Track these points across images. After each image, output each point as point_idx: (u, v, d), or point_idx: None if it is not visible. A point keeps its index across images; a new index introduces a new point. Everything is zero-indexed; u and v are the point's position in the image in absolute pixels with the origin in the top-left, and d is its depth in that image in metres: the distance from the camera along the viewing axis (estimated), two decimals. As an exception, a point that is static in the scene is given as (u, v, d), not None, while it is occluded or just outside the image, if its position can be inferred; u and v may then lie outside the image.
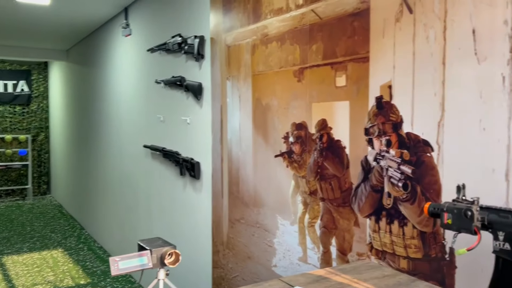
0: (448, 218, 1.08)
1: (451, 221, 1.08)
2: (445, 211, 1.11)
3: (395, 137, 1.84)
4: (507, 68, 1.44)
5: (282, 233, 2.61)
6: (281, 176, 2.60)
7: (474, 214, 1.03)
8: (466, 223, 1.04)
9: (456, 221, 1.08)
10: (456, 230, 1.10)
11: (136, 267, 1.49)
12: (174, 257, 1.53)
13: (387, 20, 1.87)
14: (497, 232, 0.99)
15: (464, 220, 1.04)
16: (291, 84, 2.47)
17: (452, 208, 1.10)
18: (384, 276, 1.81)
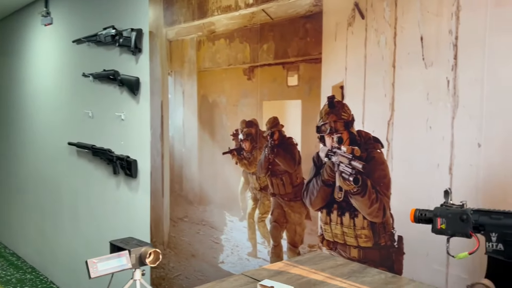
0: (441, 223, 1.08)
1: (445, 226, 1.08)
2: (438, 216, 1.10)
3: (346, 134, 1.96)
4: (451, 73, 1.61)
5: (230, 230, 2.63)
6: (229, 173, 2.62)
7: (470, 218, 1.04)
8: (462, 227, 1.04)
9: (450, 225, 1.07)
10: (451, 234, 1.10)
11: (115, 268, 1.42)
12: (153, 256, 1.48)
13: (340, 24, 1.98)
14: (489, 234, 1.00)
15: (460, 224, 1.04)
16: (241, 82, 2.50)
17: (446, 213, 1.09)
18: (337, 265, 1.92)
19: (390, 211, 1.83)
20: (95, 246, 4.07)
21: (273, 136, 2.31)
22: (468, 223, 1.03)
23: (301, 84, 2.17)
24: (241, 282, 1.69)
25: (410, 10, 1.72)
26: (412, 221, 1.18)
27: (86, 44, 4.08)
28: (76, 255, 4.37)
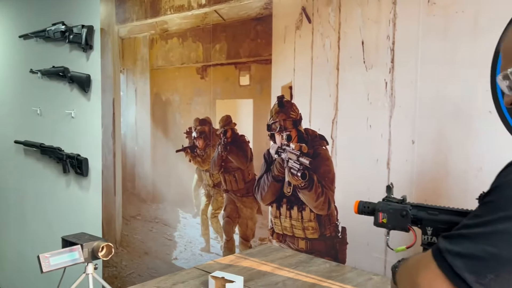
0: (383, 217, 1.11)
1: (386, 220, 1.10)
2: (380, 211, 1.13)
3: (295, 132, 2.06)
4: (389, 75, 1.75)
5: (184, 226, 2.68)
6: (183, 171, 2.66)
7: (409, 214, 1.08)
8: (401, 222, 1.08)
9: (391, 220, 1.10)
10: (391, 228, 1.13)
11: (67, 263, 1.42)
12: (106, 249, 1.50)
13: (288, 27, 2.08)
14: (425, 228, 1.06)
15: (399, 219, 1.08)
16: (194, 81, 2.54)
17: (388, 208, 1.12)
18: (286, 257, 2.02)
19: (335, 204, 1.95)
20: (44, 246, 3.95)
21: (226, 134, 2.38)
22: (407, 218, 1.09)
23: (253, 84, 2.25)
24: (193, 275, 1.75)
25: (353, 16, 1.85)
26: (356, 212, 1.23)
27: (34, 40, 3.95)
28: (24, 256, 4.22)
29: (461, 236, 0.66)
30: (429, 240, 1.05)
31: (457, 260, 0.64)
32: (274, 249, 2.12)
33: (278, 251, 2.10)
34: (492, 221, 0.63)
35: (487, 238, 0.63)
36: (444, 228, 1.03)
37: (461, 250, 0.64)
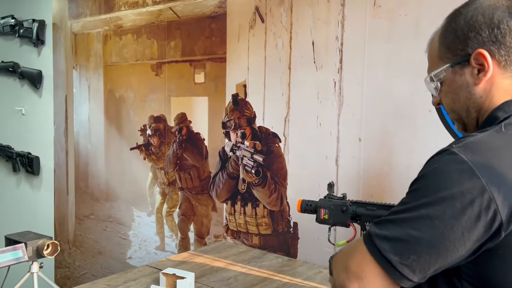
0: (324, 213, 1.15)
1: (327, 216, 1.14)
2: (322, 207, 1.16)
3: (249, 130, 2.09)
4: (338, 75, 1.81)
5: (138, 225, 2.65)
6: (137, 169, 2.63)
7: (349, 210, 1.14)
8: (342, 217, 1.13)
9: (332, 216, 1.14)
10: (332, 224, 1.17)
11: (10, 261, 1.37)
12: (52, 247, 1.46)
13: (242, 26, 2.10)
14: (364, 223, 1.12)
15: (340, 215, 1.13)
16: (149, 78, 2.52)
17: (329, 205, 1.16)
18: (240, 253, 2.05)
19: (287, 200, 1.99)
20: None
21: (181, 132, 2.38)
22: (347, 214, 1.14)
23: (208, 82, 2.26)
24: (144, 272, 1.74)
25: (304, 17, 1.90)
26: (299, 211, 1.26)
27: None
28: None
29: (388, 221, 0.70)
30: None
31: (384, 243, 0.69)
32: (228, 246, 2.14)
33: (232, 247, 2.12)
34: (416, 207, 0.68)
35: (411, 223, 0.67)
36: None
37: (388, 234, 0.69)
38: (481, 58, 0.75)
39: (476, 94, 0.78)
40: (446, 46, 0.81)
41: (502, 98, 0.77)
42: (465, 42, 0.77)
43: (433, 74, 0.82)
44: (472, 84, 0.78)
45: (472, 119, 0.81)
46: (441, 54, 0.82)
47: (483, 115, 0.79)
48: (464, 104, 0.80)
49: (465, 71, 0.78)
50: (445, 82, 0.82)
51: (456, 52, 0.79)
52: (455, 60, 0.79)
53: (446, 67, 0.80)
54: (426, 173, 0.71)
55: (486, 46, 0.75)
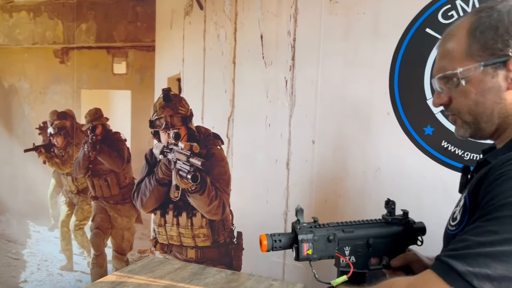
0: (308, 248, 0.89)
1: (312, 251, 0.89)
2: (304, 242, 0.89)
3: (184, 130, 1.85)
4: (289, 73, 1.68)
5: (36, 242, 2.20)
6: (35, 175, 2.18)
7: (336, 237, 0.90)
8: (329, 248, 0.90)
9: (317, 249, 0.90)
10: (318, 259, 0.91)
11: None
12: None
13: (176, 11, 1.85)
14: (343, 248, 0.92)
15: (327, 245, 0.89)
16: (51, 65, 2.10)
17: (311, 236, 0.90)
18: (176, 270, 1.81)
19: (230, 208, 1.81)
20: None
21: (95, 131, 2.02)
22: (334, 243, 0.91)
23: (131, 73, 1.95)
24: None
25: (251, 7, 1.73)
26: (264, 250, 0.91)
27: None
28: None
29: (481, 256, 0.59)
30: (351, 261, 0.93)
31: (486, 283, 0.58)
32: (159, 262, 1.88)
33: (165, 264, 1.86)
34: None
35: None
36: (361, 244, 0.94)
37: (490, 272, 0.58)
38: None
39: (508, 100, 0.73)
40: (481, 43, 0.73)
41: None
42: (506, 42, 0.71)
43: (460, 71, 0.74)
44: (504, 88, 0.72)
45: (492, 125, 0.75)
46: (472, 51, 0.74)
47: (507, 124, 0.74)
48: (489, 108, 0.74)
49: (499, 73, 0.72)
50: (471, 82, 0.74)
51: (493, 52, 0.72)
52: (490, 60, 0.72)
53: (476, 66, 0.73)
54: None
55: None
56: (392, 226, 0.96)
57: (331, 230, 0.93)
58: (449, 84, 0.77)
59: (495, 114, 0.74)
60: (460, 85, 0.75)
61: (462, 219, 0.72)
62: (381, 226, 0.95)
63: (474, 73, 0.74)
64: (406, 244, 0.96)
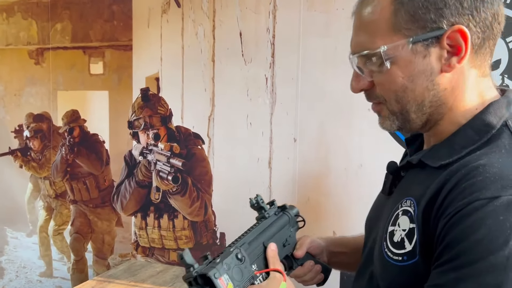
0: (226, 282, 0.66)
1: (231, 284, 0.66)
2: (218, 277, 0.64)
3: (164, 130, 1.82)
4: (270, 71, 1.66)
5: (14, 248, 2.14)
6: (11, 179, 2.11)
7: (244, 255, 0.70)
8: (245, 270, 0.69)
9: (236, 279, 0.67)
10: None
11: None
12: None
13: (153, 9, 1.81)
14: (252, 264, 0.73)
15: (241, 268, 0.69)
16: (26, 66, 2.04)
17: (226, 268, 0.66)
18: (158, 273, 1.77)
19: (212, 209, 1.78)
20: None
21: (73, 133, 1.97)
22: (246, 261, 0.71)
23: (108, 73, 1.90)
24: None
25: (229, 5, 1.70)
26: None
27: None
28: None
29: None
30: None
31: None
32: (141, 265, 1.84)
33: (146, 267, 1.82)
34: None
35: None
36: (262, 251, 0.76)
37: None
38: (459, 38, 0.56)
39: (441, 85, 0.59)
40: (410, 13, 0.57)
41: (472, 94, 0.60)
42: (441, 11, 0.56)
43: (383, 50, 0.58)
44: (437, 71, 0.58)
45: (423, 115, 0.61)
46: (399, 22, 0.58)
47: (441, 114, 0.61)
48: (419, 95, 0.60)
49: (431, 52, 0.58)
50: (397, 63, 0.59)
51: (424, 24, 0.57)
52: (420, 34, 0.57)
53: (403, 42, 0.58)
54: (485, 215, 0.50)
55: (464, 21, 0.56)
56: (276, 220, 0.83)
57: (233, 250, 0.71)
58: (369, 64, 0.61)
59: (426, 103, 0.60)
60: (384, 66, 0.59)
61: (413, 250, 0.57)
62: (265, 225, 0.81)
63: (401, 51, 0.58)
64: (292, 230, 0.85)
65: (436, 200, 0.55)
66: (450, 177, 0.55)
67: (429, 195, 0.56)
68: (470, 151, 0.57)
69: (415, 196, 0.59)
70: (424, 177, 0.60)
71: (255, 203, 0.84)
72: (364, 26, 0.62)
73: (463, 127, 0.60)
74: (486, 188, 0.51)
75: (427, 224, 0.56)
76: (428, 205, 0.56)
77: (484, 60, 0.60)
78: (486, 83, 0.61)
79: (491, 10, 0.57)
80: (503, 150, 0.55)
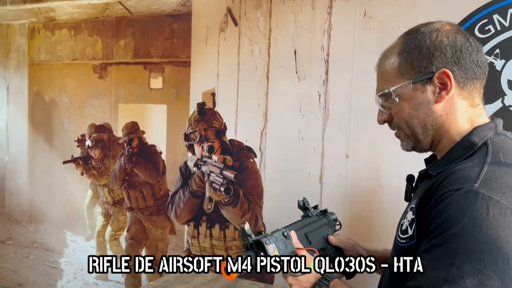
0: (274, 249, 0.87)
1: (277, 251, 0.87)
2: (269, 244, 0.86)
3: (218, 143, 1.89)
4: (323, 87, 1.70)
5: (73, 251, 2.27)
6: (72, 186, 2.25)
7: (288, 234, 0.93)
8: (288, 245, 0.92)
9: (280, 249, 0.89)
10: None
11: None
12: None
13: (211, 28, 1.90)
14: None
15: (286, 243, 0.90)
16: (90, 80, 2.18)
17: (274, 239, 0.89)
18: (209, 281, 1.82)
19: (262, 221, 1.83)
20: None
21: (132, 143, 2.08)
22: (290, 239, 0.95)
23: (167, 88, 2.00)
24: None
25: (284, 23, 1.76)
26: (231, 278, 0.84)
27: None
28: None
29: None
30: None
31: None
32: (193, 274, 1.90)
33: (198, 275, 1.88)
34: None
35: None
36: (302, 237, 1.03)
37: None
38: (445, 78, 0.78)
39: (437, 112, 0.80)
40: (409, 63, 0.81)
41: (463, 119, 0.80)
42: (430, 60, 0.79)
43: (392, 89, 0.82)
44: (433, 102, 0.80)
45: (428, 137, 0.83)
46: (402, 70, 0.82)
47: (441, 135, 0.82)
48: (422, 121, 0.82)
49: (427, 89, 0.80)
50: (404, 98, 0.82)
51: (420, 69, 0.80)
52: (418, 77, 0.80)
53: (407, 83, 0.81)
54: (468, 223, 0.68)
55: (448, 66, 0.78)
56: (317, 220, 1.10)
57: (281, 229, 0.96)
58: (388, 102, 0.84)
59: (428, 127, 0.81)
60: (395, 101, 0.83)
61: (412, 234, 0.77)
62: (309, 221, 1.08)
63: (406, 90, 0.81)
64: (330, 231, 1.11)
65: (427, 195, 0.75)
66: (439, 179, 0.75)
67: (423, 192, 0.77)
68: (458, 162, 0.76)
69: (417, 195, 0.80)
70: (427, 182, 0.80)
71: (301, 204, 1.13)
72: (381, 75, 0.86)
73: (456, 145, 0.80)
74: (455, 183, 0.71)
75: (421, 214, 0.75)
76: (422, 199, 0.76)
77: (471, 94, 0.80)
78: (476, 111, 0.81)
79: (469, 59, 0.79)
80: (476, 160, 0.74)
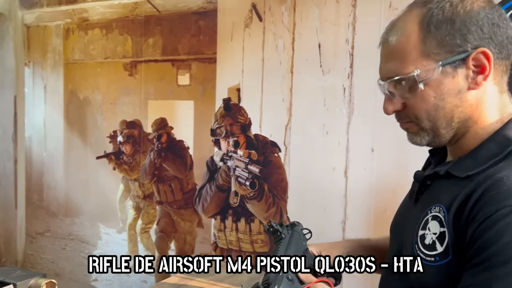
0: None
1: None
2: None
3: (243, 138, 1.91)
4: (348, 81, 1.68)
5: (106, 243, 2.35)
6: (105, 180, 2.34)
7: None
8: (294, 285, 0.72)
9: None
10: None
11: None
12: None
13: (236, 24, 1.92)
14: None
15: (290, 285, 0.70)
16: (121, 78, 2.25)
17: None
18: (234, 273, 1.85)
19: (287, 215, 1.83)
20: None
21: (161, 139, 2.13)
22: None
23: (194, 84, 2.04)
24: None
25: (309, 17, 1.76)
26: None
27: None
28: None
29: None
30: None
31: None
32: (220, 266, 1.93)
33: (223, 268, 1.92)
34: None
35: None
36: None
37: None
38: (483, 59, 0.63)
39: (468, 101, 0.65)
40: (438, 40, 0.64)
41: (493, 109, 0.66)
42: (464, 36, 0.63)
43: (417, 74, 0.64)
44: (465, 89, 0.65)
45: (452, 130, 0.67)
46: (429, 48, 0.64)
47: (466, 127, 0.67)
48: (449, 112, 0.66)
49: (458, 72, 0.64)
50: (430, 84, 0.65)
51: (451, 48, 0.63)
52: (449, 57, 0.64)
53: (434, 66, 0.64)
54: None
55: (485, 44, 0.63)
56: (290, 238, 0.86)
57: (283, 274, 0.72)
58: (400, 88, 0.67)
59: (455, 119, 0.66)
60: (418, 89, 0.65)
61: (445, 251, 0.62)
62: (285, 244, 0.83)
63: (433, 74, 0.64)
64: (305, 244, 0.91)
65: (465, 207, 0.61)
66: (477, 186, 0.61)
67: (459, 202, 0.62)
68: (493, 163, 0.62)
69: (444, 203, 0.65)
70: (451, 186, 0.65)
71: (268, 228, 0.87)
72: (394, 54, 0.68)
73: (486, 141, 0.65)
74: (509, 197, 0.57)
75: (457, 228, 0.61)
76: (458, 211, 0.62)
77: (501, 78, 0.66)
78: (504, 99, 0.68)
79: (505, 34, 0.64)
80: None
